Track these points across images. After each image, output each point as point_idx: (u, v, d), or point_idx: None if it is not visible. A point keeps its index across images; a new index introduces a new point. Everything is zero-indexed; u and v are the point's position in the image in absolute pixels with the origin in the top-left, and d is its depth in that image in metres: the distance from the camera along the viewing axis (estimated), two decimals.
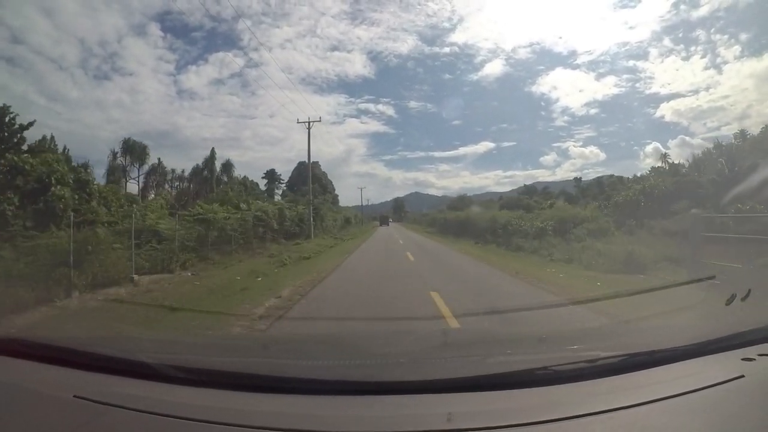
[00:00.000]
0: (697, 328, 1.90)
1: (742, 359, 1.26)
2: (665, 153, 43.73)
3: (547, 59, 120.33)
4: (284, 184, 56.96)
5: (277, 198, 42.09)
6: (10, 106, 12.41)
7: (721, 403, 1.04)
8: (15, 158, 11.09)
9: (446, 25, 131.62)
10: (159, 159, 42.31)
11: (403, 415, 1.05)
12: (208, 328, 5.25)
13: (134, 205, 16.88)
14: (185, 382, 1.22)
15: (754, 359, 1.25)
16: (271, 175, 57.12)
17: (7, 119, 12.18)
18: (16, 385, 1.20)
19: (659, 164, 37.44)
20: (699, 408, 1.02)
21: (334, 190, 65.21)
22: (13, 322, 5.60)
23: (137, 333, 4.30)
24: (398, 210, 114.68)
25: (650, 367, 1.25)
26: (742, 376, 1.14)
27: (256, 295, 7.40)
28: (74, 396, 1.11)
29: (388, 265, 12.76)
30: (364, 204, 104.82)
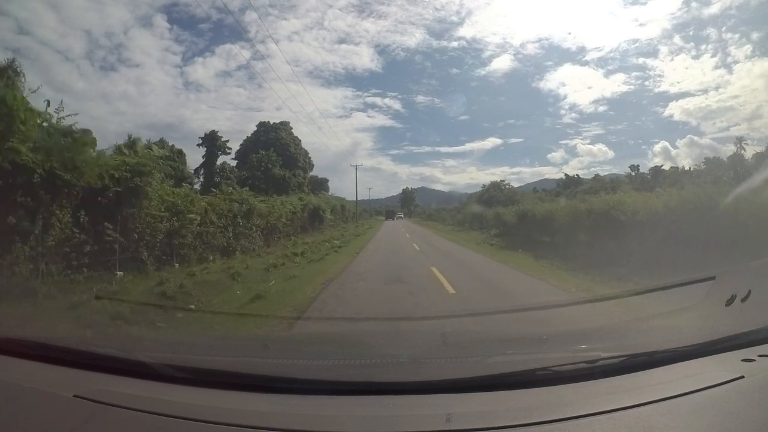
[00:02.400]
0: (697, 329, 1.90)
1: (742, 360, 1.26)
2: (740, 136, 34.38)
3: (556, 55, 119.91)
4: (232, 155, 38.22)
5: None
6: None
7: (721, 403, 1.04)
8: None
9: (454, 18, 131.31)
10: None
11: (403, 415, 1.05)
12: None
13: None
14: (184, 382, 1.22)
15: (754, 360, 1.25)
16: (211, 140, 35.18)
17: None
18: (16, 385, 1.20)
19: (739, 152, 31.54)
20: (699, 409, 1.02)
21: (311, 168, 44.56)
22: None
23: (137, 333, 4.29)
24: (407, 203, 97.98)
25: (650, 368, 1.25)
26: (742, 377, 1.14)
27: None
28: (74, 395, 1.11)
29: None
30: (370, 198, 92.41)
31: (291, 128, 43.83)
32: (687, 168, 32.70)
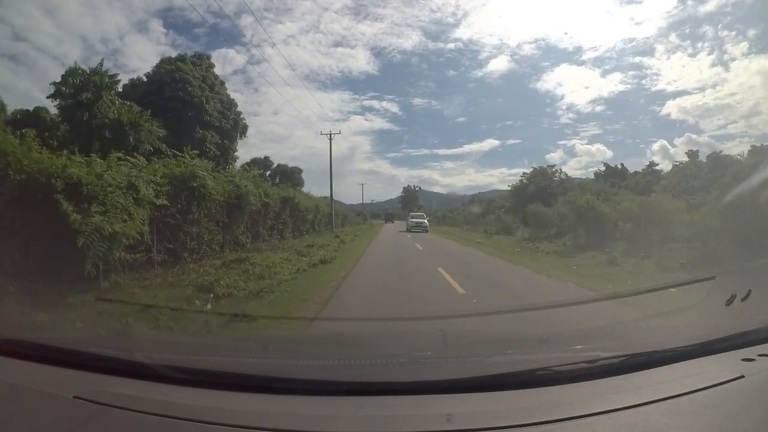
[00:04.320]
0: (697, 329, 1.90)
1: (742, 360, 1.26)
2: None
3: (552, 55, 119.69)
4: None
5: None
6: None
7: (722, 403, 1.04)
8: None
9: (450, 20, 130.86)
10: None
11: (403, 415, 1.05)
12: None
13: None
14: (184, 383, 1.22)
15: (754, 360, 1.25)
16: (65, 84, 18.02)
17: None
18: (16, 385, 1.20)
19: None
20: (699, 408, 1.02)
21: (241, 132, 27.35)
22: None
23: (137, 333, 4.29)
24: (409, 203, 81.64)
25: (650, 368, 1.25)
26: (742, 377, 1.14)
27: None
28: (74, 396, 1.10)
29: None
30: (367, 202, 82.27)
31: (211, 66, 25.90)
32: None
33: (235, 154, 27.95)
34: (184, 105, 23.76)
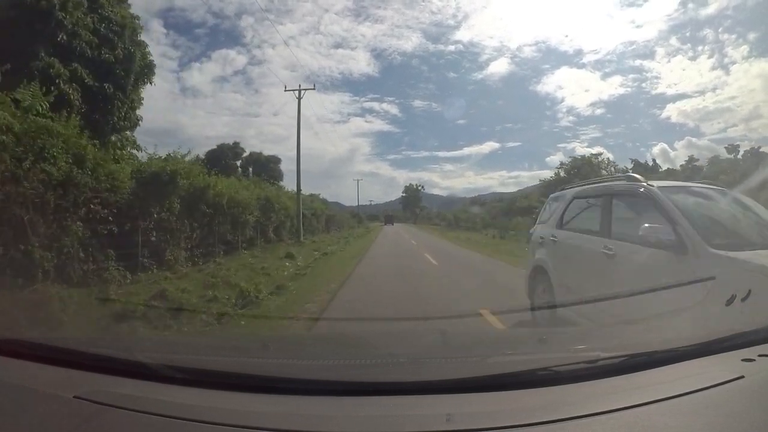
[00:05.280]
0: (697, 329, 1.90)
1: (742, 360, 1.26)
2: None
3: (553, 58, 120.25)
4: None
5: None
6: None
7: (721, 403, 1.04)
8: None
9: (451, 22, 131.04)
10: None
11: (402, 415, 1.05)
12: None
13: None
14: (185, 383, 1.22)
15: (754, 360, 1.25)
16: None
17: None
18: (16, 385, 1.20)
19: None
20: (699, 409, 1.02)
21: (143, 75, 13.64)
22: None
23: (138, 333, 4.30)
24: (410, 204, 77.76)
25: (650, 368, 1.25)
26: (742, 377, 1.14)
27: None
28: (74, 396, 1.10)
29: None
30: (366, 203, 79.90)
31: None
32: None
33: (137, 113, 14.69)
34: (22, 12, 12.03)
